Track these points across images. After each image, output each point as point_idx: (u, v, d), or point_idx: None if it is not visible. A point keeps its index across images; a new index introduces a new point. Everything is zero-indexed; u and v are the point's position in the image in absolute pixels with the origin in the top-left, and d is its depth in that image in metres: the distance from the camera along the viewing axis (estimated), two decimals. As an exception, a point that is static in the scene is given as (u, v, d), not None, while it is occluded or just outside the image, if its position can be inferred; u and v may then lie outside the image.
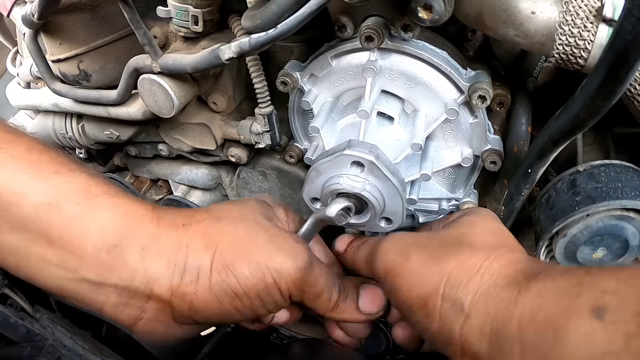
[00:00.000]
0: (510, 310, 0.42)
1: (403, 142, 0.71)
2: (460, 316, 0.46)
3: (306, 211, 0.98)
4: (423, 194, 0.80)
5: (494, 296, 0.44)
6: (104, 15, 0.78)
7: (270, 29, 0.60)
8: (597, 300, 0.35)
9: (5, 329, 0.81)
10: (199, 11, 0.71)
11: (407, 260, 0.53)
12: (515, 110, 0.73)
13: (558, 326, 0.36)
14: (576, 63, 0.56)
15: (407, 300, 0.51)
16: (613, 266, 0.56)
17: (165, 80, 0.73)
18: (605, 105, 0.49)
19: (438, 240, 0.55)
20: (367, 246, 0.62)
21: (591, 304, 0.36)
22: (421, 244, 0.55)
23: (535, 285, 0.42)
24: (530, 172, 0.65)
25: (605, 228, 0.65)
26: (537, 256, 0.71)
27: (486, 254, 0.49)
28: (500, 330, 0.41)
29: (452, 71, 0.67)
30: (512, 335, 0.40)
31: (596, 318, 0.34)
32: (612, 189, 0.63)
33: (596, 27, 0.53)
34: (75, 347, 0.92)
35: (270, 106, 0.81)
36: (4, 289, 0.84)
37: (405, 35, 0.65)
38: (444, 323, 0.47)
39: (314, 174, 0.66)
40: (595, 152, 0.79)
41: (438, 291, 0.48)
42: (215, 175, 1.02)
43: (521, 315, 0.40)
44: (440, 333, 0.48)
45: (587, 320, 0.35)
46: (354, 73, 0.71)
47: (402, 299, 0.52)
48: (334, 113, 0.76)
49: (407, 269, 0.52)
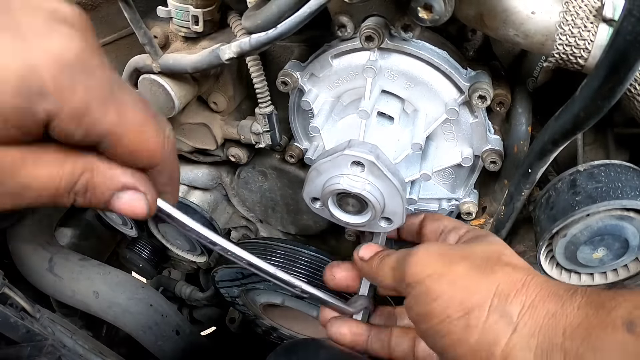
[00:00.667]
0: (556, 321, 0.43)
1: (403, 142, 0.71)
2: (508, 328, 0.45)
3: (306, 211, 0.98)
4: (423, 193, 0.80)
5: (540, 308, 0.45)
6: (104, 15, 0.78)
7: (270, 29, 0.60)
8: (629, 315, 0.40)
9: (5, 329, 0.81)
10: (199, 11, 0.71)
11: (451, 268, 0.50)
12: (515, 110, 0.73)
13: (596, 336, 0.40)
14: (576, 63, 0.56)
15: (445, 310, 0.48)
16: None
17: (166, 80, 0.73)
18: (605, 105, 0.49)
19: (477, 251, 0.53)
20: (395, 255, 0.59)
21: (624, 318, 0.40)
22: (464, 254, 0.53)
23: (576, 298, 0.44)
24: (530, 172, 0.65)
25: (605, 228, 0.65)
26: (537, 256, 0.71)
27: (528, 271, 0.50)
28: (547, 342, 0.43)
29: (452, 71, 0.67)
30: (556, 346, 0.42)
31: (628, 331, 0.39)
32: (612, 188, 0.63)
33: (596, 27, 0.53)
34: (75, 347, 0.92)
35: (270, 106, 0.81)
36: (4, 288, 0.84)
37: (405, 35, 0.65)
38: (486, 337, 0.45)
39: (314, 174, 0.66)
40: (595, 152, 0.79)
41: (486, 302, 0.47)
42: (215, 175, 1.02)
43: (565, 326, 0.42)
44: (480, 346, 0.46)
45: (621, 333, 0.39)
46: (354, 73, 0.72)
47: (438, 308, 0.49)
48: (334, 113, 0.76)
49: (451, 276, 0.50)
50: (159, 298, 1.10)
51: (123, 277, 1.08)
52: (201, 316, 1.54)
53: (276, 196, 0.98)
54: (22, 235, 1.09)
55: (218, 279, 1.11)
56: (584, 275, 0.74)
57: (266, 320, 1.26)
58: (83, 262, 1.08)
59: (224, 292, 1.17)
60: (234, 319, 1.49)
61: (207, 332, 1.65)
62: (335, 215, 0.69)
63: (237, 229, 1.15)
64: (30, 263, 1.06)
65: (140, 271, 1.19)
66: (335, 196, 0.67)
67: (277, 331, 1.29)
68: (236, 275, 1.07)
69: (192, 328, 1.15)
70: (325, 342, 0.69)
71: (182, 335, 1.10)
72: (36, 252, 1.06)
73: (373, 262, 0.61)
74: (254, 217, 1.09)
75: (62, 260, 1.07)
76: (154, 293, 1.10)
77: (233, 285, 1.12)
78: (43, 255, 1.06)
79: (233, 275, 1.07)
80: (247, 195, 1.00)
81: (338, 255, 1.03)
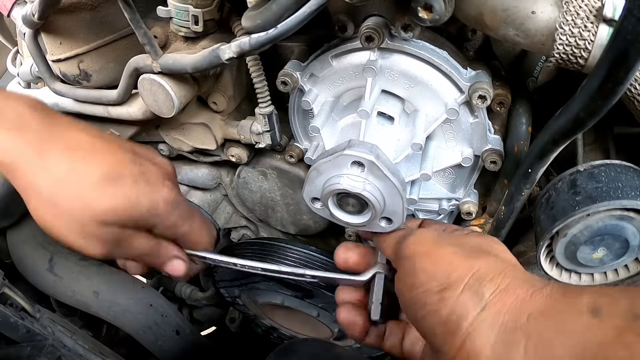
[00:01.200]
0: (523, 305, 0.46)
1: (403, 142, 0.71)
2: (477, 306, 0.48)
3: (306, 211, 0.98)
4: (423, 193, 0.80)
5: (512, 293, 0.48)
6: (104, 15, 0.78)
7: (271, 29, 0.60)
8: (595, 301, 0.42)
9: (5, 329, 0.81)
10: (199, 11, 0.71)
11: (440, 248, 0.56)
12: (515, 110, 0.73)
13: (561, 320, 0.42)
14: (576, 63, 0.56)
15: (427, 282, 0.53)
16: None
17: (166, 80, 0.73)
18: (605, 105, 0.49)
19: (469, 241, 0.58)
20: (400, 232, 0.65)
21: (589, 304, 0.42)
22: (456, 240, 0.58)
23: (547, 287, 0.47)
24: (530, 172, 0.65)
25: (605, 228, 0.65)
26: (537, 256, 0.71)
27: (512, 264, 0.53)
28: (512, 322, 0.45)
29: (452, 71, 0.67)
30: (520, 328, 0.44)
31: (592, 315, 0.41)
32: (612, 188, 0.63)
33: (596, 27, 0.53)
34: (75, 346, 0.92)
35: (270, 106, 0.81)
36: (4, 288, 0.83)
37: (405, 35, 0.65)
38: (457, 310, 0.49)
39: (314, 174, 0.66)
40: (596, 152, 0.79)
41: (462, 280, 0.51)
42: (215, 175, 1.02)
43: (531, 311, 0.45)
44: (449, 320, 0.49)
45: (586, 317, 0.41)
46: (354, 73, 0.72)
47: (421, 281, 0.54)
48: (334, 113, 0.76)
49: (438, 254, 0.55)
50: (159, 298, 1.10)
51: (123, 277, 1.08)
52: (201, 316, 1.54)
53: (276, 196, 0.98)
54: (22, 235, 1.09)
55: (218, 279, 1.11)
56: (584, 275, 0.74)
57: (266, 320, 1.26)
58: (83, 262, 1.08)
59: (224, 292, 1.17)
60: (234, 319, 1.49)
61: (207, 332, 1.65)
62: (335, 215, 0.69)
63: (237, 229, 1.15)
64: (30, 263, 1.06)
65: (140, 271, 1.19)
66: (335, 196, 0.67)
67: (277, 331, 1.30)
68: (236, 275, 1.07)
69: (192, 328, 1.15)
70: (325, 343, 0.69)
71: (182, 335, 1.10)
72: (36, 252, 1.06)
73: (380, 237, 0.67)
74: (254, 217, 1.09)
75: (62, 260, 1.07)
76: (154, 293, 1.11)
77: (233, 285, 1.12)
78: (43, 255, 1.06)
79: (233, 275, 1.07)
80: (247, 195, 1.00)
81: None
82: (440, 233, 0.61)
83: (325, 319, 1.11)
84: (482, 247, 0.56)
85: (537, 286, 0.48)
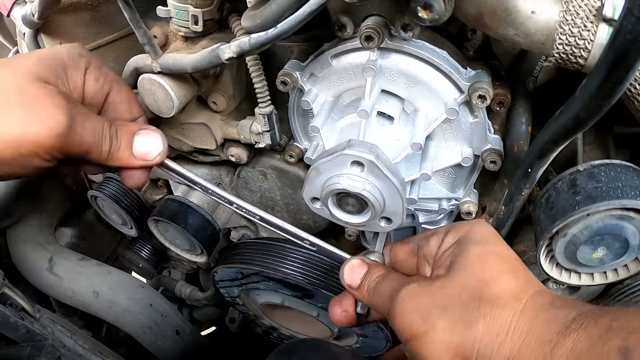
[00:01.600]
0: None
1: (403, 141, 0.71)
2: None
3: (306, 211, 0.98)
4: (423, 193, 0.80)
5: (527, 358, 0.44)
6: (104, 15, 0.78)
7: (270, 29, 0.60)
8: (624, 342, 0.39)
9: (5, 329, 0.81)
10: (199, 11, 0.71)
11: (432, 328, 0.50)
12: (515, 110, 0.73)
13: None
14: (576, 63, 0.56)
15: None
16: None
17: (165, 80, 0.73)
18: (605, 105, 0.49)
19: (457, 295, 0.51)
20: (386, 286, 0.58)
21: (619, 346, 0.39)
22: (442, 304, 0.51)
23: (567, 341, 0.43)
24: (530, 171, 0.65)
25: (605, 228, 0.65)
26: (537, 256, 0.71)
27: (512, 308, 0.48)
28: None
29: (452, 71, 0.67)
30: None
31: (623, 359, 0.38)
32: (612, 188, 0.63)
33: (596, 26, 0.53)
34: (75, 347, 0.92)
35: (270, 106, 0.81)
36: (4, 288, 0.83)
37: (405, 34, 0.65)
38: None
39: (314, 174, 0.66)
40: (595, 152, 0.79)
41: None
42: (215, 175, 1.02)
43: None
44: None
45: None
46: (354, 73, 0.71)
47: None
48: (334, 113, 0.76)
49: (433, 338, 0.49)
50: (159, 298, 1.10)
51: (123, 277, 1.08)
52: (201, 316, 1.54)
53: (276, 196, 0.98)
54: (22, 235, 1.09)
55: (218, 278, 1.11)
56: (584, 275, 0.74)
57: (266, 320, 1.26)
58: (83, 262, 1.08)
59: (224, 292, 1.17)
60: (234, 319, 1.49)
61: (207, 332, 1.65)
62: (335, 215, 0.69)
63: (237, 229, 1.15)
64: (30, 263, 1.06)
65: (140, 271, 1.19)
66: (335, 196, 0.67)
67: (277, 331, 1.30)
68: (236, 275, 1.07)
69: (192, 328, 1.15)
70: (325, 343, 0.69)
71: (182, 335, 1.10)
72: (36, 252, 1.07)
73: (364, 290, 0.61)
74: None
75: (62, 260, 1.07)
76: (154, 293, 1.11)
77: (233, 285, 1.12)
78: (43, 255, 1.06)
79: (233, 275, 1.07)
80: (247, 195, 1.00)
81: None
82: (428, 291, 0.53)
83: (325, 319, 1.11)
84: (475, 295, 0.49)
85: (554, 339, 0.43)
